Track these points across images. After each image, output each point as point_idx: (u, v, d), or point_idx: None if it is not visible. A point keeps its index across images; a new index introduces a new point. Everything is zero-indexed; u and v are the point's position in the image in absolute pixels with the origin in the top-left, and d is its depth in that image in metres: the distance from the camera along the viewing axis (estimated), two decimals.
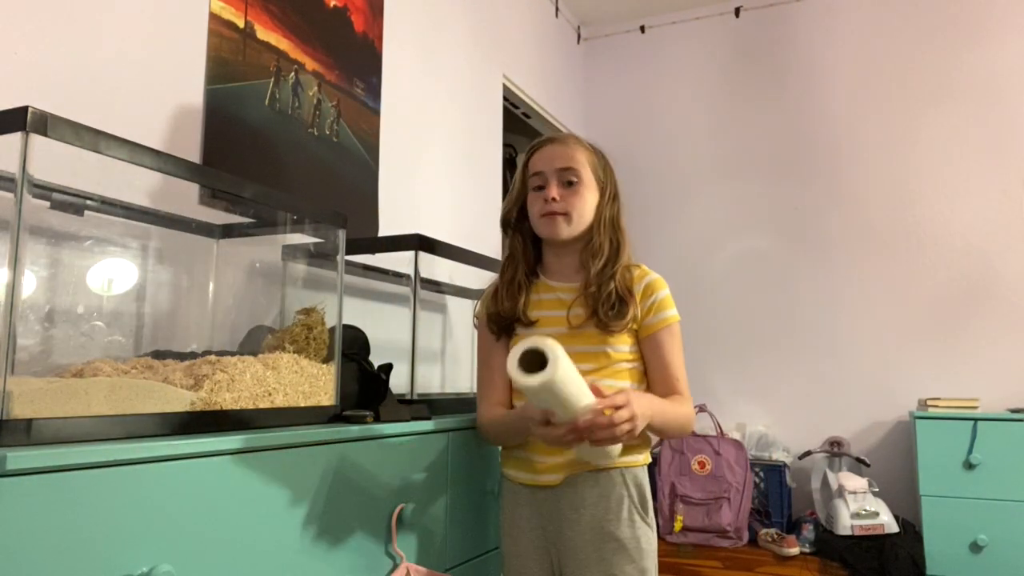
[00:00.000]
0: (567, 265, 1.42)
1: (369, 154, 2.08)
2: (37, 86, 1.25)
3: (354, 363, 1.37)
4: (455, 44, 2.59)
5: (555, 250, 1.43)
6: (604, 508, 1.31)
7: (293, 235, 1.60)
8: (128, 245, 1.32)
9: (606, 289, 1.34)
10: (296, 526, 1.03)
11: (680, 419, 1.33)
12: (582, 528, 1.31)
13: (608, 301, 1.33)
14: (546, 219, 1.37)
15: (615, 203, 1.42)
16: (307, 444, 1.06)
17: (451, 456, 1.40)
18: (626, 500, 1.32)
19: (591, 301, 1.34)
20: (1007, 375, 2.86)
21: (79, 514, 0.76)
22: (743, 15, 3.47)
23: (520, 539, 1.38)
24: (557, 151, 1.39)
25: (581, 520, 1.31)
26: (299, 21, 1.84)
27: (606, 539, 1.30)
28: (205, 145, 1.55)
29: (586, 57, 3.78)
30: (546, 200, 1.36)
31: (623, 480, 1.33)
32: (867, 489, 2.67)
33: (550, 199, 1.36)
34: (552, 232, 1.37)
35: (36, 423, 0.81)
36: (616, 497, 1.32)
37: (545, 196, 1.37)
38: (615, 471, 1.33)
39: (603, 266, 1.36)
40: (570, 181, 1.37)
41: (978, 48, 3.05)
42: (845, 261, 3.17)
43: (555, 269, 1.43)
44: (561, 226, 1.36)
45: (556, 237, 1.38)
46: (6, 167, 0.88)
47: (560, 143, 1.41)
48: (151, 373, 1.05)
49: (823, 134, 3.26)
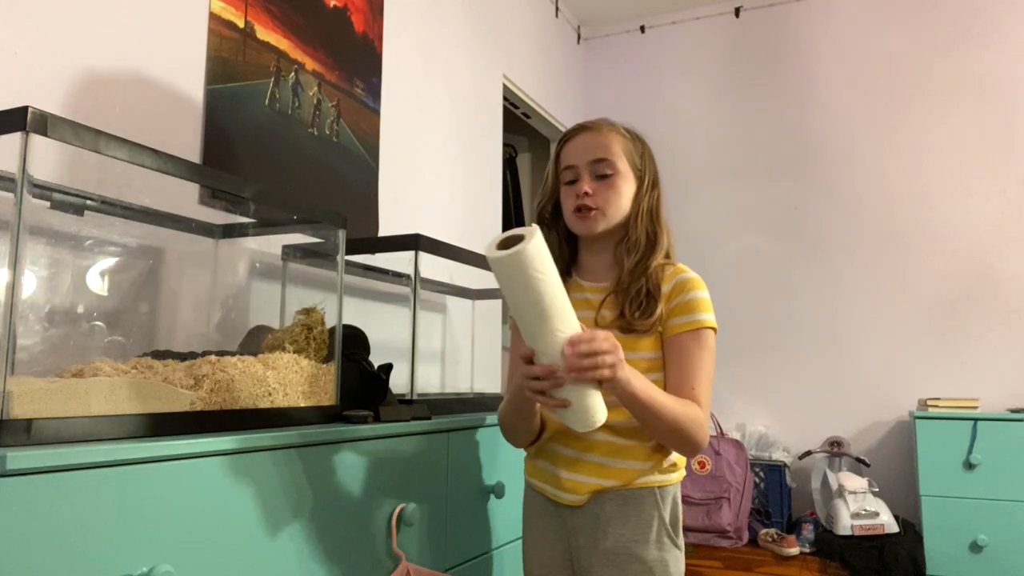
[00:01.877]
0: (601, 262, 1.33)
1: (369, 154, 2.08)
2: (37, 86, 1.25)
3: (354, 363, 1.37)
4: (455, 44, 2.59)
5: (589, 246, 1.34)
6: (632, 529, 1.22)
7: (293, 235, 1.60)
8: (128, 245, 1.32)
9: (635, 286, 1.25)
10: (296, 526, 1.03)
11: (677, 416, 1.15)
12: (607, 549, 1.23)
13: (636, 299, 1.24)
14: (579, 215, 1.28)
15: (654, 191, 1.32)
16: (307, 444, 1.06)
17: (451, 456, 1.40)
18: (656, 521, 1.23)
19: (619, 300, 1.26)
20: (1007, 375, 2.86)
21: (79, 514, 0.76)
22: (743, 15, 3.47)
23: (543, 550, 1.31)
24: (589, 141, 1.30)
25: (607, 540, 1.23)
26: (299, 21, 1.84)
27: (632, 561, 1.21)
28: (205, 145, 1.55)
29: (586, 57, 3.78)
30: (578, 195, 1.28)
31: (655, 499, 1.23)
32: (867, 489, 2.67)
33: (582, 194, 1.27)
34: (585, 229, 1.29)
35: (36, 423, 0.81)
36: (645, 518, 1.23)
37: (577, 191, 1.28)
38: (646, 490, 1.23)
39: (637, 262, 1.27)
40: (604, 174, 1.28)
41: (978, 48, 3.05)
42: (845, 261, 3.17)
43: (589, 267, 1.35)
44: (594, 222, 1.28)
45: (590, 233, 1.29)
46: (6, 167, 0.88)
47: (593, 131, 1.31)
48: (151, 373, 1.05)
49: (823, 134, 3.26)
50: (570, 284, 1.32)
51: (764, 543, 2.71)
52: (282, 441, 1.01)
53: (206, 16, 1.57)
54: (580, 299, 1.29)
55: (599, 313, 1.27)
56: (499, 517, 1.55)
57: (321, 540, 1.07)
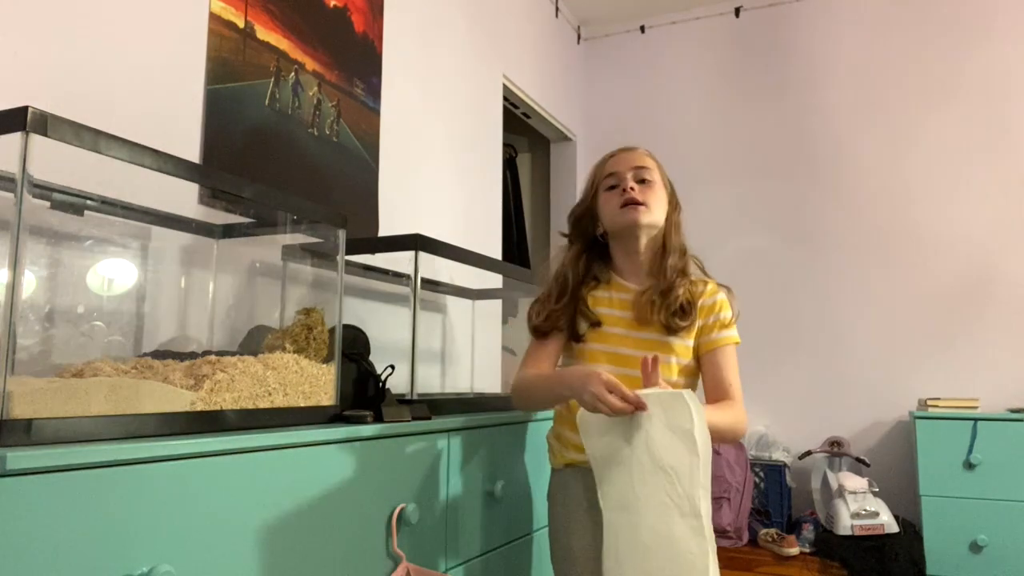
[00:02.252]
0: (635, 265, 1.48)
1: (369, 154, 2.08)
2: (37, 86, 1.25)
3: (354, 363, 1.37)
4: (455, 44, 2.59)
5: (626, 249, 1.48)
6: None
7: (293, 235, 1.60)
8: (128, 245, 1.32)
9: (676, 291, 1.40)
10: (296, 526, 1.03)
11: (728, 419, 1.34)
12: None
13: (676, 302, 1.39)
14: (626, 208, 1.42)
15: (678, 212, 1.51)
16: (307, 444, 1.06)
17: (451, 456, 1.40)
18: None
19: (660, 301, 1.40)
20: (1007, 375, 2.86)
21: (79, 514, 0.76)
22: (743, 15, 3.47)
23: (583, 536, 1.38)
24: (631, 155, 1.48)
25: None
26: (299, 21, 1.84)
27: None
28: (205, 145, 1.55)
29: (586, 57, 3.78)
30: (624, 191, 1.43)
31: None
32: (867, 489, 2.67)
33: (628, 189, 1.42)
34: (633, 219, 1.42)
35: (36, 423, 0.81)
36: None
37: (624, 187, 1.43)
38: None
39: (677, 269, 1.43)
40: (645, 179, 1.45)
41: (978, 48, 3.05)
42: (845, 261, 3.17)
43: (626, 270, 1.49)
44: (641, 213, 1.42)
45: (637, 224, 1.43)
46: (6, 167, 0.88)
47: (632, 150, 1.50)
48: (151, 373, 1.05)
49: (823, 134, 3.26)
50: (612, 284, 1.49)
51: (764, 543, 2.71)
52: (282, 441, 1.01)
53: (206, 16, 1.57)
54: (624, 299, 1.45)
55: (635, 312, 1.42)
56: (499, 517, 1.55)
57: (321, 540, 1.07)
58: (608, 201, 1.46)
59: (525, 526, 1.65)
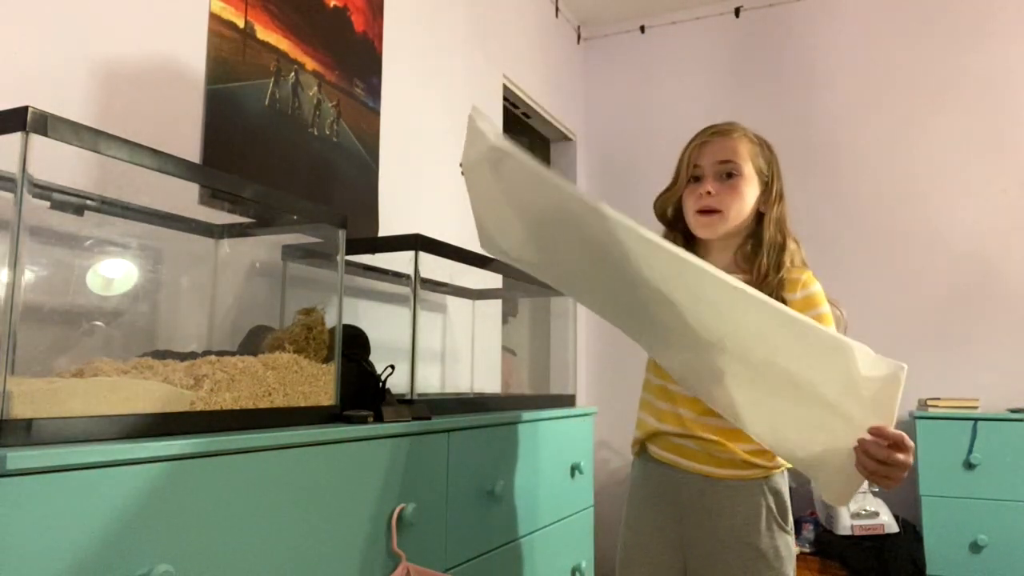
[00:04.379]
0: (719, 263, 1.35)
1: (369, 154, 2.08)
2: (37, 86, 1.25)
3: (354, 363, 1.37)
4: (455, 44, 2.59)
5: (707, 247, 1.40)
6: (743, 519, 1.27)
7: (293, 235, 1.60)
8: (128, 245, 1.32)
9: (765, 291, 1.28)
10: (296, 526, 1.03)
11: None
12: (719, 537, 1.28)
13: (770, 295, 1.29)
14: (700, 217, 1.35)
15: (782, 203, 1.38)
16: (307, 444, 1.06)
17: (451, 456, 1.40)
18: (764, 510, 1.28)
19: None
20: (1007, 375, 2.86)
21: (79, 514, 0.76)
22: (743, 15, 3.47)
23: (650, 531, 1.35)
24: (718, 144, 1.36)
25: (718, 529, 1.28)
26: (299, 21, 1.84)
27: (744, 549, 1.26)
28: (205, 145, 1.55)
29: (586, 57, 3.78)
30: (701, 195, 1.34)
31: (762, 490, 1.29)
32: (867, 489, 2.67)
33: (704, 193, 1.33)
34: (708, 232, 1.35)
35: (36, 423, 0.81)
36: (753, 507, 1.28)
37: (700, 190, 1.34)
38: (753, 482, 1.29)
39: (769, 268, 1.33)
40: (729, 173, 1.34)
41: (978, 48, 3.05)
42: (845, 261, 3.17)
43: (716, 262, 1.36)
44: (716, 226, 1.34)
45: (712, 237, 1.36)
46: (6, 167, 0.88)
47: (722, 134, 1.38)
48: (151, 373, 1.05)
49: (823, 134, 3.26)
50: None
51: None
52: (282, 441, 1.01)
53: (206, 16, 1.57)
54: None
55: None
56: (499, 517, 1.55)
57: (321, 540, 1.07)
58: (689, 196, 1.37)
59: (525, 526, 1.65)
